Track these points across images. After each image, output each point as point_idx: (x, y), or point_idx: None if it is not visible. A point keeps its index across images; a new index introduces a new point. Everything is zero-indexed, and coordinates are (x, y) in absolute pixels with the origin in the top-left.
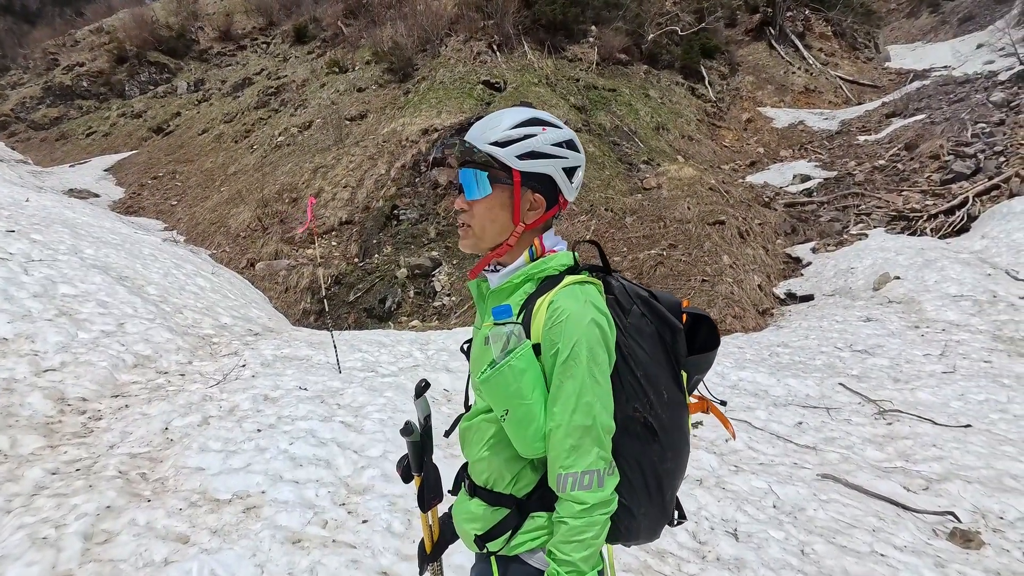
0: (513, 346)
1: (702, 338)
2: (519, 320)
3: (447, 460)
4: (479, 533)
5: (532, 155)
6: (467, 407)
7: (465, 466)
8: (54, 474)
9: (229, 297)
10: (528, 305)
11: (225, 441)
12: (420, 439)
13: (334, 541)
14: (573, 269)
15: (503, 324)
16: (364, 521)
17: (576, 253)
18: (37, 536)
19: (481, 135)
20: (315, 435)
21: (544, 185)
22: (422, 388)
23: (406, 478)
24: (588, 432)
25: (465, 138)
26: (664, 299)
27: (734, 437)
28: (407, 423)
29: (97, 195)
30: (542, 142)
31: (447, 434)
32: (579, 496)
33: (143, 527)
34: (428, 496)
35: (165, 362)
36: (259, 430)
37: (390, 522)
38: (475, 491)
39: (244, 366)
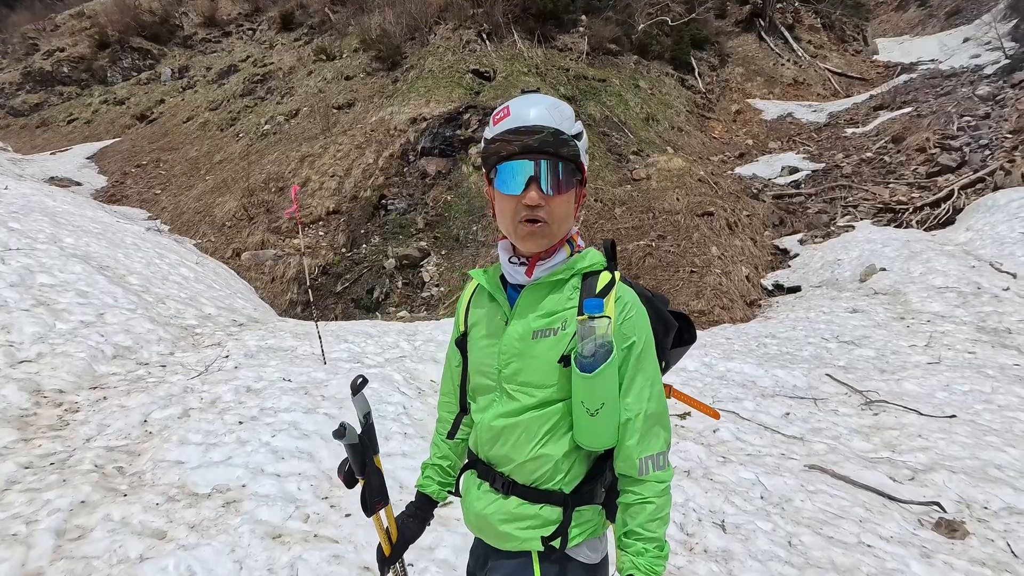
0: (608, 339)
1: (677, 333)
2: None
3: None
4: (545, 533)
5: (586, 149)
6: (464, 407)
7: (475, 464)
8: (27, 468)
9: (214, 287)
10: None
11: (206, 434)
12: (360, 440)
13: (316, 536)
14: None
15: (599, 318)
16: (347, 515)
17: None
18: (7, 533)
19: (561, 124)
20: (298, 427)
21: None
22: (359, 385)
23: (349, 483)
24: (660, 418)
25: (555, 127)
26: (659, 298)
27: (717, 418)
28: (341, 425)
29: (79, 183)
30: (587, 137)
31: (451, 435)
32: (659, 476)
33: (118, 523)
34: (372, 500)
35: (146, 353)
36: (241, 422)
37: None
38: (513, 490)
39: (227, 357)
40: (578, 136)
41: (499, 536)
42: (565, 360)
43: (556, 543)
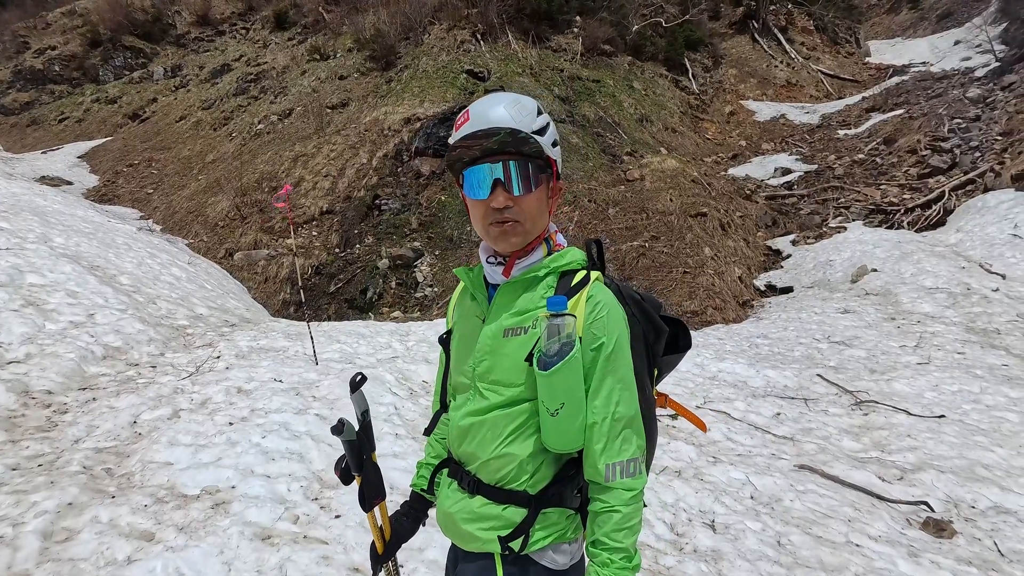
0: (571, 338)
1: (671, 339)
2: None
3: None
4: (503, 534)
5: (555, 143)
6: (443, 403)
7: (448, 462)
8: (14, 470)
9: (205, 287)
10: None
11: (195, 435)
12: (357, 436)
13: (305, 537)
14: (588, 266)
15: (561, 316)
16: (337, 516)
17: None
18: None
19: (521, 122)
20: (289, 428)
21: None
22: (358, 383)
23: (346, 480)
24: (631, 422)
25: (512, 126)
26: (650, 302)
27: (705, 430)
28: (340, 421)
29: (70, 183)
30: (555, 129)
31: (427, 432)
32: (627, 483)
33: (106, 524)
34: (370, 496)
35: (136, 354)
36: (231, 423)
37: (363, 517)
38: (479, 489)
39: (218, 358)
40: (541, 131)
41: (463, 536)
42: (532, 359)
43: (516, 544)
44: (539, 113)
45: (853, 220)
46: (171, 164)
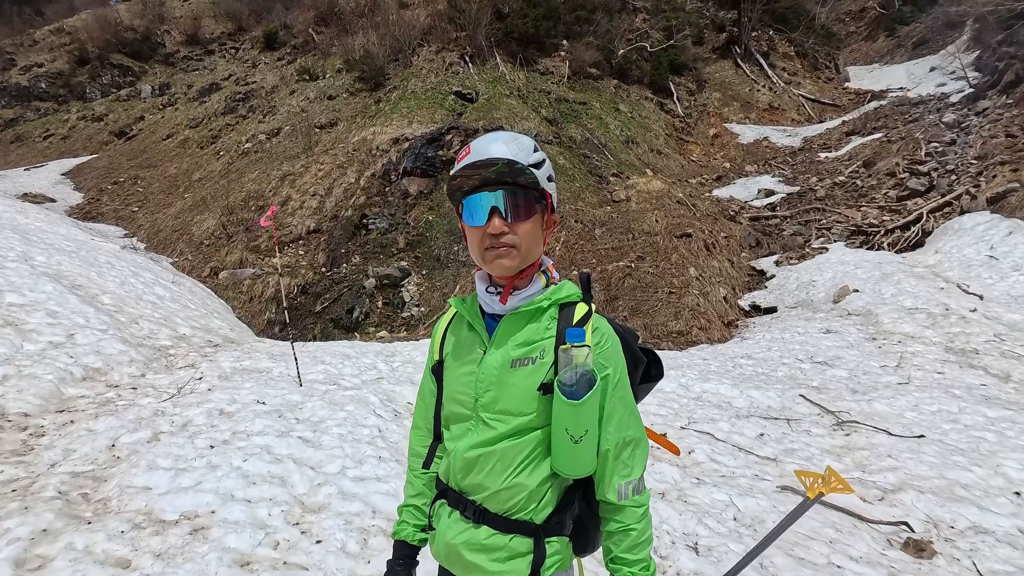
0: (588, 367)
1: (645, 369)
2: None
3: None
4: (515, 566)
5: (550, 179)
6: (437, 435)
7: (446, 493)
8: None
9: (189, 307)
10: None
11: (175, 458)
12: None
13: (285, 563)
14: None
15: (581, 347)
16: (318, 541)
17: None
18: None
19: (518, 155)
20: (271, 451)
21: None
22: None
23: None
24: (639, 444)
25: (509, 158)
26: (630, 333)
27: (677, 454)
28: None
29: (53, 200)
30: (550, 166)
31: (426, 464)
32: (637, 500)
33: (81, 551)
34: None
35: (116, 375)
36: (212, 446)
37: (345, 542)
38: (484, 519)
39: (200, 379)
40: (537, 165)
41: (466, 566)
42: (544, 388)
43: None
44: (535, 150)
45: (835, 241)
46: (157, 182)
